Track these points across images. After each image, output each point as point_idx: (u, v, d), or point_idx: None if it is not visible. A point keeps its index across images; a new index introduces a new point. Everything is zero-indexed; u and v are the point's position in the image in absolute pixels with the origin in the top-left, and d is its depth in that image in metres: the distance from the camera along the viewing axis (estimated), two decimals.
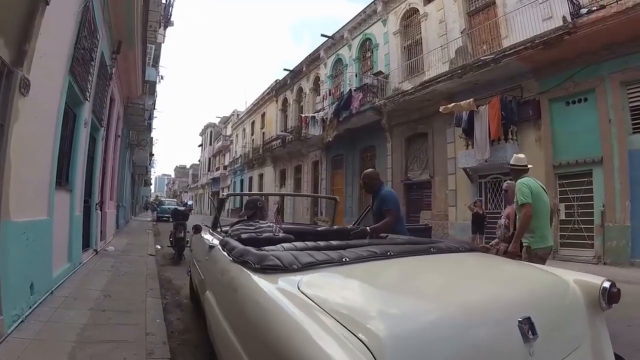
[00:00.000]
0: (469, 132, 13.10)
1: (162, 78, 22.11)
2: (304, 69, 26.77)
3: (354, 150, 20.90)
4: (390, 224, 4.55)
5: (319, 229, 4.88)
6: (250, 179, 37.95)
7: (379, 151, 18.94)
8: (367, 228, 4.37)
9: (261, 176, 35.13)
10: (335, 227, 5.43)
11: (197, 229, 4.76)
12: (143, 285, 6.21)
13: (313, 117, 21.72)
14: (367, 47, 20.78)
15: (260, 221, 4.07)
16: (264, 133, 35.16)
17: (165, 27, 20.30)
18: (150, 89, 18.49)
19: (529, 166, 4.81)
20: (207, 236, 4.36)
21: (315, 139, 22.61)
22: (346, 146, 21.04)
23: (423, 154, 16.61)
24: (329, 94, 22.89)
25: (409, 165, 17.30)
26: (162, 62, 21.60)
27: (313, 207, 24.50)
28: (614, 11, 9.46)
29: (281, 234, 3.77)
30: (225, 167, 47.81)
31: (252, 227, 3.87)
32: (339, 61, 23.07)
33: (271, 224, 4.05)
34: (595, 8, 10.12)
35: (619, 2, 9.54)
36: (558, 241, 10.74)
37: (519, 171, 4.73)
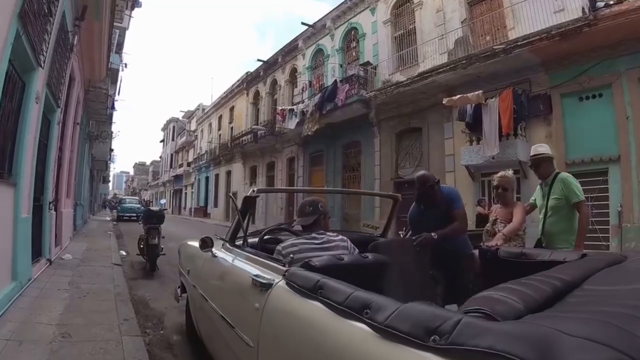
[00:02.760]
0: (474, 127, 12.43)
1: (125, 66, 20.35)
2: (280, 60, 25.62)
3: (335, 145, 20.01)
4: (461, 229, 3.72)
5: (379, 241, 3.80)
6: (217, 176, 36.52)
7: (365, 147, 18.15)
8: (433, 235, 3.46)
9: (229, 173, 33.78)
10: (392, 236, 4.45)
11: (205, 243, 3.38)
12: (113, 312, 4.84)
13: (292, 110, 20.68)
14: (352, 37, 20.00)
15: (328, 233, 2.93)
16: (232, 128, 33.77)
17: (132, 8, 18.61)
18: (113, 76, 16.92)
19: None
20: (225, 255, 3.22)
21: (291, 134, 21.65)
22: (327, 141, 20.11)
23: (416, 150, 15.90)
24: (309, 86, 21.87)
25: (400, 163, 16.57)
26: (125, 49, 19.84)
27: (288, 207, 23.39)
28: (638, 5, 9.09)
29: (371, 257, 2.55)
30: (189, 164, 46.15)
31: (316, 243, 2.78)
32: (319, 52, 22.14)
33: (344, 238, 2.95)
34: (613, 2, 9.81)
35: None
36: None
37: (549, 161, 4.23)
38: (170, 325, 4.90)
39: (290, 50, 24.62)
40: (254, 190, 3.46)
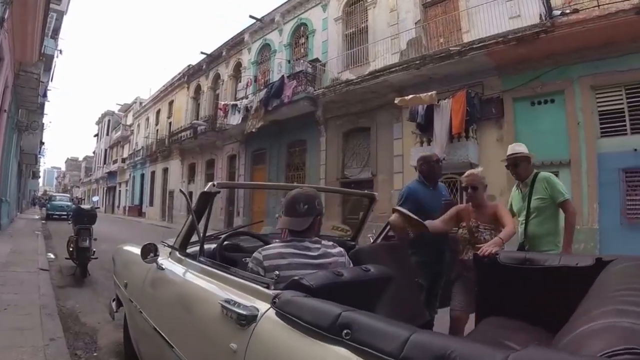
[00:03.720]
0: (425, 128, 12.34)
1: (60, 52, 18.80)
2: (224, 53, 24.58)
3: (279, 144, 19.36)
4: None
5: (363, 247, 3.42)
6: (153, 173, 34.73)
7: (311, 146, 17.65)
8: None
9: (165, 170, 32.16)
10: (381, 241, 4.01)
11: (148, 250, 2.77)
12: (38, 330, 4.01)
13: (235, 105, 19.79)
14: (301, 33, 19.48)
15: (324, 242, 2.28)
16: (170, 123, 32.17)
17: None
18: (47, 63, 15.62)
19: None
20: (175, 268, 2.66)
21: (234, 130, 20.74)
22: (271, 139, 19.40)
23: (364, 150, 15.57)
24: (254, 81, 21.04)
25: (347, 163, 16.16)
26: (62, 34, 18.30)
27: (228, 207, 22.41)
28: (595, 14, 9.44)
29: (373, 270, 2.05)
30: (124, 160, 43.67)
31: (311, 256, 2.14)
32: (266, 46, 21.44)
33: (342, 251, 2.34)
34: (568, 11, 10.10)
35: (600, 7, 9.55)
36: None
37: (527, 161, 3.96)
38: (106, 345, 4.12)
39: (235, 44, 23.73)
40: (213, 185, 2.74)
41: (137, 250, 2.96)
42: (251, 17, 21.26)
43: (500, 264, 2.63)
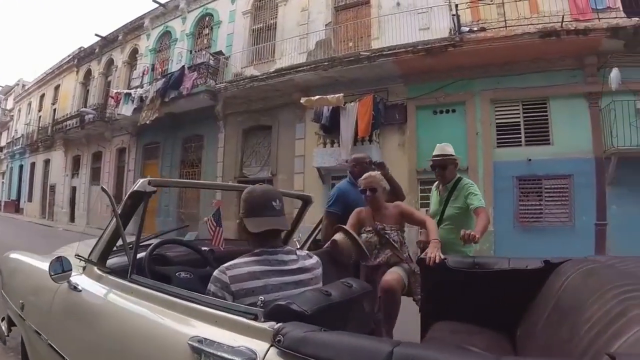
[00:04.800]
0: (329, 130, 12.32)
1: None
2: (120, 37, 22.66)
3: (174, 138, 18.14)
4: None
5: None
6: (33, 165, 30.79)
7: (208, 142, 16.77)
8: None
9: (47, 162, 28.70)
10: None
11: (60, 267, 2.21)
12: None
13: (128, 94, 18.16)
14: (205, 23, 18.46)
15: (298, 251, 1.95)
16: (55, 109, 28.75)
17: None
18: None
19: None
20: (100, 291, 2.16)
21: (125, 121, 19.11)
22: (165, 133, 18.11)
23: (264, 148, 15.13)
24: (151, 70, 19.56)
25: (246, 161, 15.58)
26: None
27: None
28: (502, 34, 10.17)
29: (355, 285, 1.90)
30: (1, 149, 38.68)
31: (288, 270, 1.79)
32: (167, 34, 20.07)
33: (318, 260, 1.98)
34: (476, 28, 10.79)
35: (507, 28, 10.30)
36: None
37: (454, 164, 3.73)
38: None
39: (134, 29, 21.98)
40: (148, 182, 2.22)
41: (32, 261, 2.55)
42: (154, 1, 19.84)
43: (450, 269, 2.59)
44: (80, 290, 2.17)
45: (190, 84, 15.58)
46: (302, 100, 12.20)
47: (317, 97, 12.01)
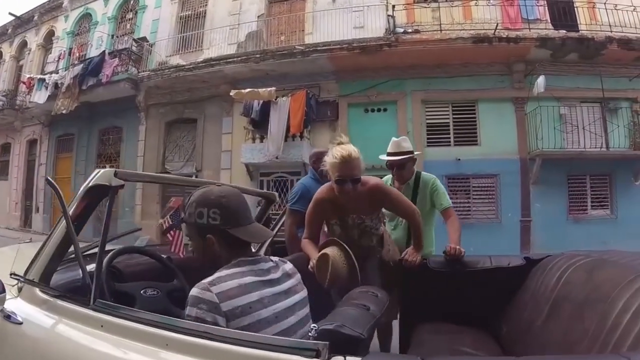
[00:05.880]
0: (259, 124, 11.94)
1: None
2: (36, 17, 20.74)
3: (91, 129, 16.81)
4: None
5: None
6: None
7: (128, 134, 15.70)
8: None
9: None
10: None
11: None
12: None
13: (42, 80, 16.59)
14: (130, 7, 17.32)
15: (272, 258, 1.62)
16: None
17: None
18: None
19: None
20: (50, 324, 1.63)
21: (38, 110, 17.40)
22: (80, 123, 16.74)
23: (188, 143, 14.43)
24: (68, 55, 18.07)
25: (168, 155, 14.75)
26: None
27: (25, 202, 18.85)
28: (437, 37, 10.49)
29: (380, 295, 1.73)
30: None
31: (274, 280, 1.49)
32: (87, 16, 18.60)
33: (292, 266, 1.66)
34: (410, 30, 11.03)
35: (442, 31, 10.62)
36: None
37: (413, 161, 3.36)
38: None
39: (51, 9, 20.20)
40: (115, 173, 1.77)
41: None
42: None
43: (431, 269, 2.58)
44: (21, 323, 1.63)
45: (110, 71, 14.50)
46: (232, 93, 11.78)
47: (248, 90, 11.61)
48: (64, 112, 15.28)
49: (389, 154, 3.31)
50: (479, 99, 11.00)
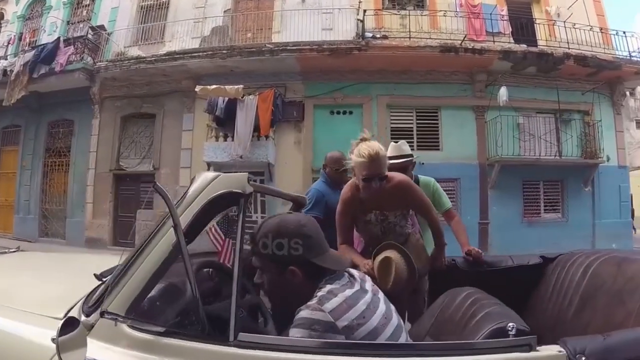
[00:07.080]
0: (223, 122, 11.71)
1: None
2: None
3: (39, 121, 15.80)
4: None
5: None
6: None
7: (80, 128, 14.87)
8: None
9: None
10: None
11: (70, 329, 1.19)
12: None
13: None
14: None
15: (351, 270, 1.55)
16: None
17: None
18: None
19: None
20: None
21: None
22: (28, 115, 15.71)
23: (146, 139, 13.88)
24: (18, 40, 17.05)
25: (123, 152, 14.12)
26: None
27: None
28: (406, 44, 10.77)
29: None
30: None
31: (366, 289, 1.46)
32: (40, 0, 17.58)
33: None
34: (379, 35, 11.30)
35: (411, 39, 10.94)
36: None
37: (412, 165, 3.35)
38: None
39: None
40: (250, 179, 1.59)
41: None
42: None
43: (460, 270, 2.63)
44: None
45: (65, 59, 13.73)
46: (198, 89, 11.44)
47: (214, 86, 11.36)
48: (11, 102, 14.31)
49: (390, 158, 3.25)
50: (442, 105, 11.42)
